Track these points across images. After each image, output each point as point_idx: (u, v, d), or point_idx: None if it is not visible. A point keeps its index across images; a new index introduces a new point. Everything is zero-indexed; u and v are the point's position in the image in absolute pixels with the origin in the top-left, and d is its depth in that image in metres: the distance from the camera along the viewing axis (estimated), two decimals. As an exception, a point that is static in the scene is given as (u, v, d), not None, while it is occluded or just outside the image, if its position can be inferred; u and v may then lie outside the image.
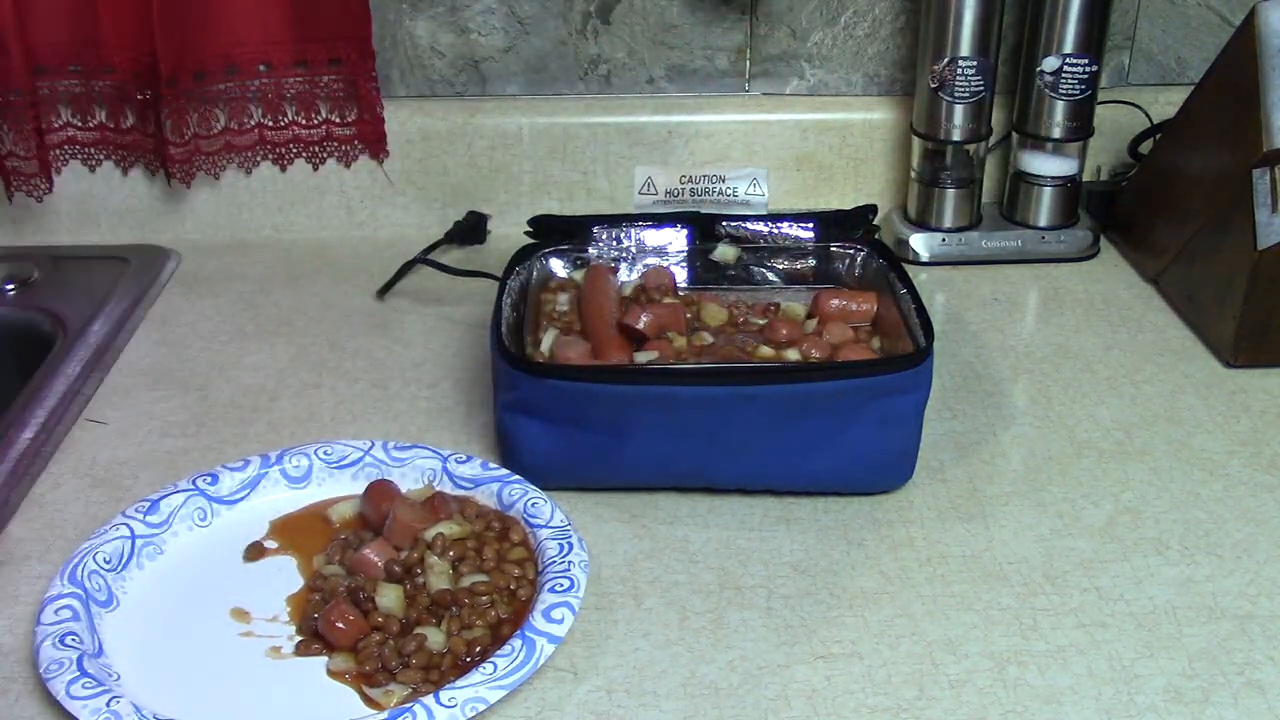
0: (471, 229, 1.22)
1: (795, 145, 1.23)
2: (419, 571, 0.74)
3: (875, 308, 0.94)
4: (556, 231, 1.00)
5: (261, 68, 1.16)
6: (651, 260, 1.01)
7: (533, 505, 0.79)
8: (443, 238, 1.20)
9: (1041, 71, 1.13)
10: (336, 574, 0.75)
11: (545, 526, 0.77)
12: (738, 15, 1.21)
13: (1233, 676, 0.70)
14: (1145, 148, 1.21)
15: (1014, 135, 1.19)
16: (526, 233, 1.00)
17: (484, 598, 0.73)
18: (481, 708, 0.65)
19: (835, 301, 0.94)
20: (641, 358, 0.88)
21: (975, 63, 1.11)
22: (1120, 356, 1.02)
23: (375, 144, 1.21)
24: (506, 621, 0.72)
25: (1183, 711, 0.67)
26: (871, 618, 0.74)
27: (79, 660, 0.67)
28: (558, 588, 0.72)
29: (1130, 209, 1.19)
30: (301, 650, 0.71)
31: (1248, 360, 1.00)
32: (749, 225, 1.00)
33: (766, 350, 0.90)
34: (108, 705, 0.64)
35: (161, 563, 0.78)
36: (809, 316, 0.95)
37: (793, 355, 0.89)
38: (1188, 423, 0.93)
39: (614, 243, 1.00)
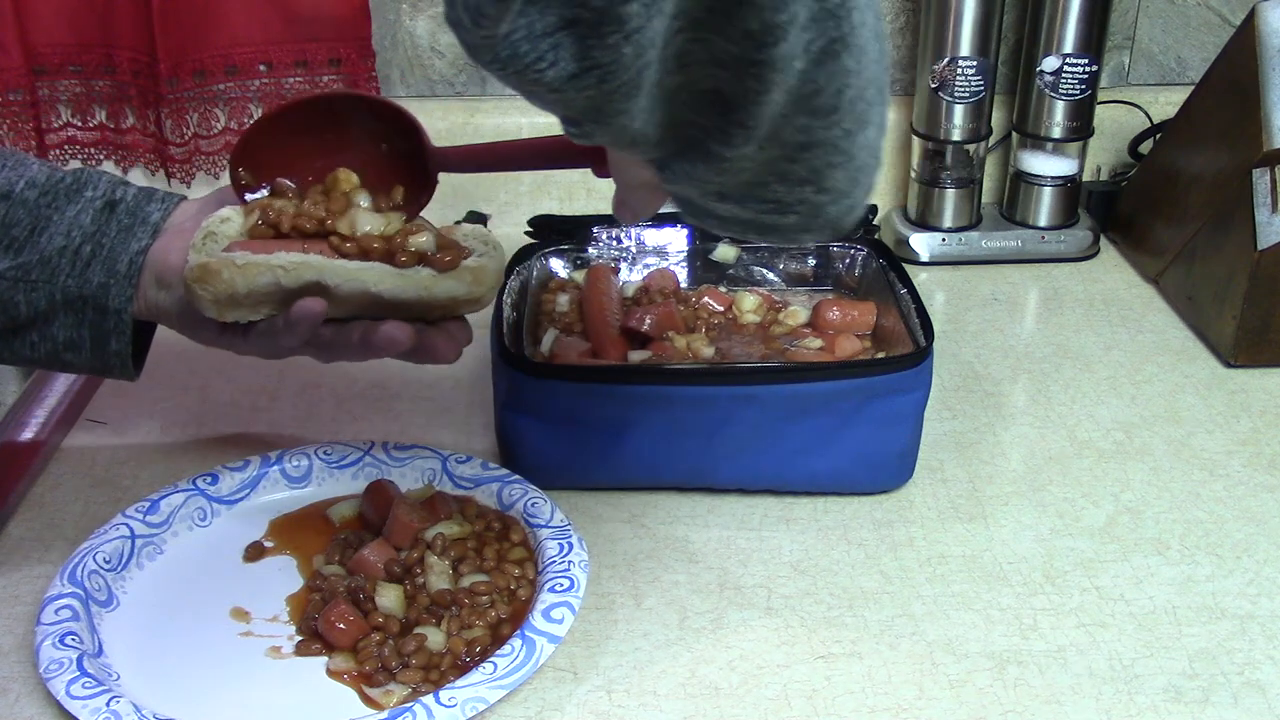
0: (471, 229, 1.21)
1: (795, 145, 1.23)
2: (419, 571, 0.74)
3: (875, 318, 0.93)
4: (556, 231, 1.00)
5: (261, 68, 1.16)
6: (652, 260, 1.01)
7: (533, 505, 0.79)
8: (443, 238, 1.20)
9: (1041, 71, 1.13)
10: (336, 574, 0.75)
11: (545, 526, 0.77)
12: (738, 15, 1.20)
13: (1233, 676, 0.70)
14: (1145, 148, 1.21)
15: (1014, 135, 1.19)
16: (526, 233, 1.00)
17: (484, 598, 0.73)
18: (481, 708, 0.65)
19: (833, 313, 0.93)
20: (635, 356, 0.88)
21: (975, 63, 1.11)
22: (1120, 356, 1.02)
23: (375, 144, 1.20)
24: (506, 621, 0.72)
25: (1183, 711, 0.67)
26: (871, 618, 0.74)
27: (79, 660, 0.67)
28: (558, 588, 0.72)
29: (1130, 209, 1.19)
30: (301, 650, 0.71)
31: (1248, 360, 1.00)
32: (749, 225, 1.00)
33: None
34: (108, 705, 0.64)
35: (161, 563, 0.78)
36: (809, 326, 0.94)
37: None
38: (1188, 423, 0.93)
39: (614, 243, 1.00)
